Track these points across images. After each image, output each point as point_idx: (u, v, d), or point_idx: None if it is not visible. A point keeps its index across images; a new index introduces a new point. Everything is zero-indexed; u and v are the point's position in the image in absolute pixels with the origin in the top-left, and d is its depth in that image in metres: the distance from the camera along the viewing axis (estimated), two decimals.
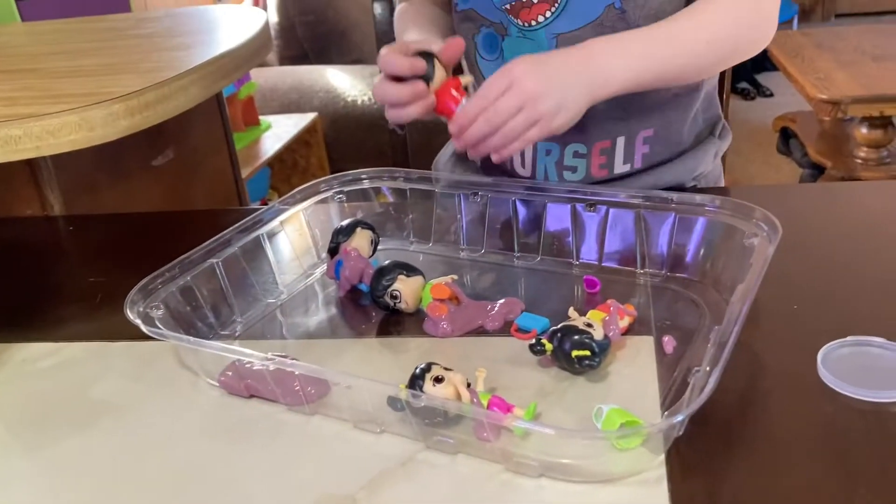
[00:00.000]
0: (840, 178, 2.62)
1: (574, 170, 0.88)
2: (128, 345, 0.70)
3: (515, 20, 0.83)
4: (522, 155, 0.90)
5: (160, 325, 0.64)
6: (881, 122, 2.53)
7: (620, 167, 0.88)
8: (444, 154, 1.04)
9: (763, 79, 3.89)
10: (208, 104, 1.35)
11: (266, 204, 2.57)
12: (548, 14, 0.81)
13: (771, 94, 3.78)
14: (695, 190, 0.90)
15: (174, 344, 0.64)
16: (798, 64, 2.66)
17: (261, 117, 2.48)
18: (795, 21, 4.47)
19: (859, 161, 2.63)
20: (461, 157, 1.01)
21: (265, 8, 3.04)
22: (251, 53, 1.22)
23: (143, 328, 0.62)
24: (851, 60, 2.64)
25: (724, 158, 1.00)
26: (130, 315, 0.63)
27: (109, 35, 1.38)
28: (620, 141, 0.87)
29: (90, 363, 0.70)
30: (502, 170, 0.93)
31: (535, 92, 0.71)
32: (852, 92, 2.37)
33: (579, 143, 0.87)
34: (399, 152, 1.26)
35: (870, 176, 2.58)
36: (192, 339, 0.63)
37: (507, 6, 0.83)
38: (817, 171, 2.79)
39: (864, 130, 2.58)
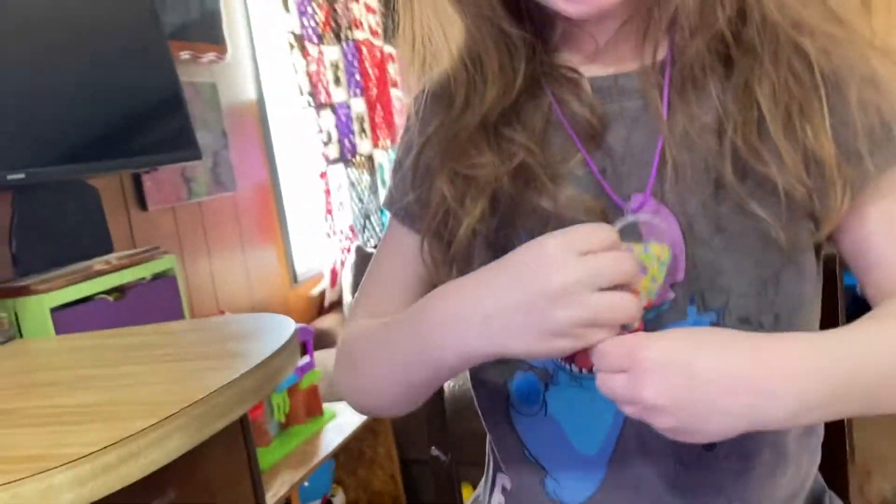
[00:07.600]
0: None
1: None
2: None
3: (568, 366, 0.64)
4: None
5: None
6: None
7: None
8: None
9: None
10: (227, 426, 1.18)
11: (329, 501, 2.35)
12: None
13: None
14: None
15: None
16: None
17: (325, 405, 2.33)
18: None
19: None
20: None
21: (340, 285, 3.04)
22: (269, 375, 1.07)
23: None
24: None
25: None
26: None
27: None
28: None
29: None
30: None
31: (654, 404, 0.49)
32: None
33: None
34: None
35: None
36: None
37: None
38: None
39: None
